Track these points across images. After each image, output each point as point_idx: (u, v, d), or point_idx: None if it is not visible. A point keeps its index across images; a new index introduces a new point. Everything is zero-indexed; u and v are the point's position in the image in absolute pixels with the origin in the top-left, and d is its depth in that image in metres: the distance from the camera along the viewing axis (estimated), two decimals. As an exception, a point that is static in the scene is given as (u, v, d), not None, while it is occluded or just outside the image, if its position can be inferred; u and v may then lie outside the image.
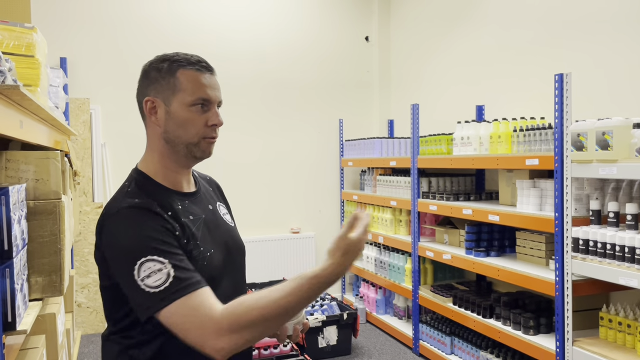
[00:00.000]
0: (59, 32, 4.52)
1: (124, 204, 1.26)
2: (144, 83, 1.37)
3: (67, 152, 2.98)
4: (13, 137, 1.61)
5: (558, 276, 2.70)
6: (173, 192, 1.37)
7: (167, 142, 1.35)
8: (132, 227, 1.22)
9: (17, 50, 2.04)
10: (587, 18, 3.29)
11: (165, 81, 1.33)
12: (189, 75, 1.32)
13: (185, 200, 1.38)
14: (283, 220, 5.34)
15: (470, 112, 4.25)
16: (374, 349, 4.18)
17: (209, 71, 1.36)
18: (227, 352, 1.13)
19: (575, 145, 2.54)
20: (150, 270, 1.16)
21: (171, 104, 1.32)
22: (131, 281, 1.16)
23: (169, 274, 1.16)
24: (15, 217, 1.43)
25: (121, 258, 1.20)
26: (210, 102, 1.35)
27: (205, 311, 1.14)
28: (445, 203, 3.71)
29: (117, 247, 1.22)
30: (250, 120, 5.17)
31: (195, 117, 1.32)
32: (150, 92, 1.34)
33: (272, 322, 1.15)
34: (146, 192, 1.31)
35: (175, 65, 1.33)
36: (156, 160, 1.38)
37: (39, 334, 2.13)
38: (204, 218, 1.39)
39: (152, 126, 1.36)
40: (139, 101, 1.39)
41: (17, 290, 1.42)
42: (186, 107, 1.32)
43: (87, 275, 4.56)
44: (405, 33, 5.37)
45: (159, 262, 1.17)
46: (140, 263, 1.16)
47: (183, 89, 1.32)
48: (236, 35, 5.11)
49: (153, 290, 1.15)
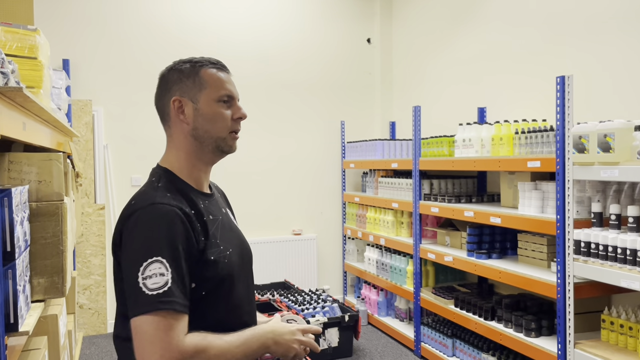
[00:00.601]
0: (62, 33, 4.53)
1: (157, 199, 1.29)
2: (166, 86, 1.41)
3: (70, 154, 2.99)
4: (16, 138, 1.61)
5: (560, 278, 2.70)
6: (196, 190, 1.41)
7: (195, 138, 1.39)
8: (159, 224, 1.25)
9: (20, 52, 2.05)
10: (589, 20, 3.29)
11: (190, 80, 1.38)
12: (211, 73, 1.40)
13: (206, 200, 1.43)
14: (285, 221, 5.34)
15: (472, 114, 4.25)
16: (375, 351, 4.18)
17: (226, 71, 1.45)
18: None
19: (577, 147, 2.54)
20: (153, 272, 1.18)
21: (199, 101, 1.38)
22: (134, 275, 1.19)
23: (167, 282, 1.19)
24: (17, 218, 1.44)
25: (136, 250, 1.23)
26: (233, 98, 1.42)
27: (175, 338, 1.17)
28: (447, 205, 3.71)
29: (137, 239, 1.24)
30: (251, 122, 5.13)
31: (223, 111, 1.40)
32: (176, 92, 1.39)
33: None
34: (175, 189, 1.35)
35: (198, 65, 1.40)
36: (182, 158, 1.41)
37: (41, 335, 2.14)
38: (221, 219, 1.43)
39: (179, 124, 1.40)
40: (161, 105, 1.42)
41: (19, 292, 1.42)
42: (214, 103, 1.39)
43: (89, 276, 4.57)
44: (407, 35, 5.38)
45: (165, 268, 1.20)
46: (150, 261, 1.19)
47: (209, 86, 1.39)
48: (238, 37, 5.12)
49: (147, 292, 1.17)
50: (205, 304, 1.30)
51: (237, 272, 1.40)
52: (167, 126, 1.43)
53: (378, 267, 4.68)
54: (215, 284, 1.31)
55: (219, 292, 1.33)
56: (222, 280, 1.33)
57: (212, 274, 1.31)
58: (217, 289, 1.32)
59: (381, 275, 4.63)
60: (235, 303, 1.39)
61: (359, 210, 5.07)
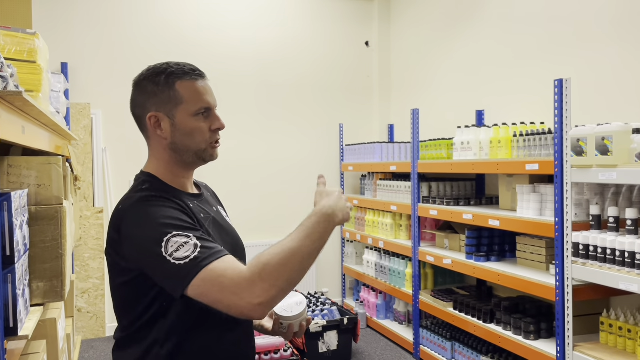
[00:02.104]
0: (60, 37, 4.53)
1: (142, 195, 1.31)
2: (142, 98, 1.39)
3: (68, 157, 2.99)
4: (15, 142, 1.61)
5: (558, 281, 2.70)
6: (183, 192, 1.42)
7: (174, 151, 1.39)
8: (152, 211, 1.25)
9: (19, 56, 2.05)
10: (587, 24, 3.30)
11: (165, 95, 1.35)
12: (187, 86, 1.36)
13: (195, 200, 1.43)
14: (283, 224, 5.32)
15: (470, 117, 4.26)
16: (374, 354, 4.18)
17: (202, 78, 1.40)
18: (265, 303, 1.15)
19: (575, 150, 2.55)
20: (177, 244, 1.19)
21: (175, 116, 1.36)
22: (160, 259, 1.18)
23: (196, 245, 1.19)
24: (17, 222, 1.43)
25: (147, 241, 1.22)
26: (211, 109, 1.40)
27: (235, 272, 1.16)
28: (446, 208, 3.71)
29: (141, 232, 1.24)
30: (250, 125, 5.17)
31: (201, 125, 1.38)
32: (152, 107, 1.36)
33: (295, 267, 1.19)
34: (160, 189, 1.35)
35: (172, 77, 1.36)
36: (162, 166, 1.41)
37: (39, 339, 2.13)
38: (212, 218, 1.44)
39: (157, 139, 1.39)
40: (137, 115, 1.41)
41: (18, 296, 1.42)
42: (191, 117, 1.36)
43: (88, 280, 4.56)
44: (405, 38, 5.39)
45: (185, 236, 1.20)
46: (166, 240, 1.19)
47: (185, 101, 1.36)
48: (237, 39, 5.12)
49: (184, 262, 1.17)
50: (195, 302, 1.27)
51: None
52: (145, 136, 1.43)
53: (377, 270, 4.68)
54: None
55: None
56: None
57: None
58: None
59: (380, 278, 4.62)
60: None
61: (357, 213, 5.07)
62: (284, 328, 1.52)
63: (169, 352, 1.30)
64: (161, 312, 1.29)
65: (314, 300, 4.39)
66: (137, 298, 1.30)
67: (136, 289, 1.29)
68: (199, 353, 1.33)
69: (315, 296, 4.52)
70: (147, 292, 1.27)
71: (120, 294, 1.35)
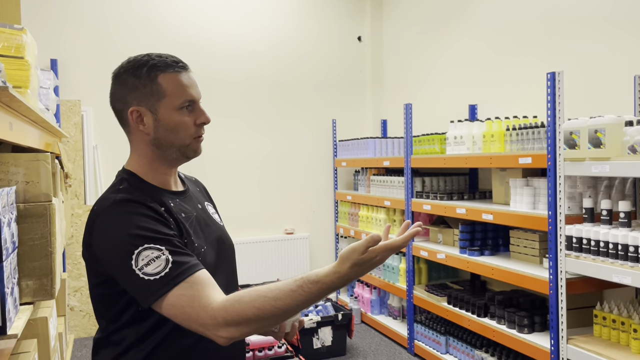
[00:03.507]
0: (50, 33, 4.48)
1: (116, 198, 1.25)
2: (122, 91, 1.34)
3: (58, 154, 2.96)
4: (2, 139, 1.59)
5: (552, 274, 2.70)
6: (164, 190, 1.37)
7: (157, 147, 1.34)
8: (125, 219, 1.21)
9: (6, 52, 2.02)
10: (580, 17, 3.30)
11: (147, 89, 1.30)
12: (170, 79, 1.31)
13: (176, 199, 1.38)
14: (277, 221, 5.33)
15: (463, 112, 4.26)
16: (369, 350, 4.18)
17: (185, 70, 1.35)
18: (227, 340, 1.14)
19: (568, 143, 2.55)
20: (148, 259, 1.15)
21: (158, 111, 1.31)
22: (129, 272, 1.16)
23: (167, 260, 1.16)
24: (5, 220, 1.41)
25: (116, 251, 1.19)
26: (195, 102, 1.35)
27: (203, 302, 1.14)
28: (439, 202, 3.71)
29: (111, 241, 1.21)
30: (242, 120, 5.15)
31: (185, 119, 1.33)
32: (133, 102, 1.31)
33: (268, 321, 1.15)
34: (138, 189, 1.31)
35: (155, 70, 1.30)
36: (144, 163, 1.36)
37: (30, 338, 2.11)
38: (195, 216, 1.40)
39: (139, 134, 1.34)
40: (118, 109, 1.36)
41: (7, 294, 1.40)
42: (174, 112, 1.31)
43: (80, 278, 4.53)
44: (397, 33, 5.38)
45: (156, 249, 1.16)
46: (137, 252, 1.16)
47: (168, 94, 1.31)
48: (228, 34, 5.09)
49: (153, 278, 1.14)
50: None
51: (212, 270, 1.32)
52: (126, 131, 1.37)
53: (371, 266, 4.68)
54: None
55: None
56: None
57: None
58: None
59: (374, 274, 4.62)
60: None
61: (351, 208, 5.06)
62: (275, 327, 1.50)
63: (146, 355, 1.26)
64: (138, 315, 1.25)
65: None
66: (113, 300, 1.26)
67: (110, 292, 1.25)
68: (179, 356, 1.28)
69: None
70: (122, 295, 1.24)
71: (96, 295, 1.31)
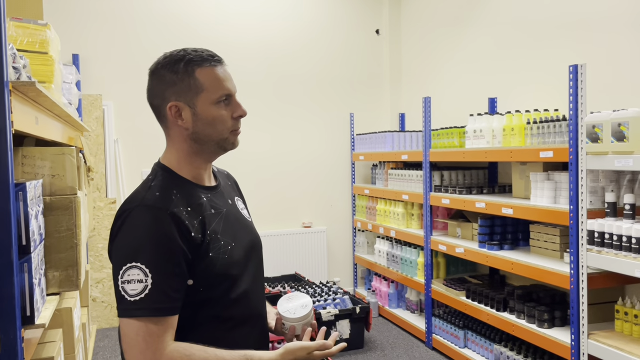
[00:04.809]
0: (71, 28, 4.54)
1: (144, 200, 1.27)
2: (160, 87, 1.34)
3: (81, 148, 3.01)
4: (29, 133, 1.62)
5: (573, 269, 2.68)
6: (197, 185, 1.38)
7: (195, 141, 1.35)
8: (142, 228, 1.23)
9: (31, 47, 2.06)
10: (603, 8, 3.24)
11: (185, 83, 1.31)
12: (207, 73, 1.32)
13: (208, 194, 1.40)
14: (294, 214, 5.35)
15: (482, 105, 4.22)
16: (386, 343, 4.18)
17: (221, 64, 1.36)
18: None
19: (591, 137, 2.51)
20: (132, 277, 1.19)
21: (196, 105, 1.32)
22: (116, 277, 1.21)
23: (145, 288, 1.18)
24: (32, 212, 1.44)
25: (120, 252, 1.24)
26: (232, 95, 1.37)
27: (154, 345, 1.17)
28: (458, 196, 3.69)
29: (122, 241, 1.25)
30: (261, 115, 5.16)
31: (223, 113, 1.34)
32: (171, 97, 1.32)
33: None
34: (170, 186, 1.32)
35: (192, 65, 1.32)
36: (182, 157, 1.37)
37: (56, 328, 2.16)
38: (225, 212, 1.41)
39: (178, 129, 1.35)
40: (155, 105, 1.37)
41: (35, 285, 1.43)
42: (212, 106, 1.33)
43: (102, 270, 4.60)
44: (416, 25, 5.34)
45: (144, 274, 1.19)
46: (129, 266, 1.19)
47: (206, 89, 1.32)
48: (246, 29, 5.10)
49: (127, 297, 1.18)
50: (204, 300, 1.29)
51: (241, 267, 1.37)
52: (164, 126, 1.38)
53: (388, 259, 4.68)
54: (214, 280, 1.29)
55: (218, 288, 1.30)
56: (221, 276, 1.31)
57: (210, 270, 1.28)
58: (216, 285, 1.30)
59: (392, 267, 4.62)
60: (238, 297, 1.35)
61: (368, 202, 5.06)
62: (285, 329, 1.50)
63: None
64: None
65: (326, 290, 4.40)
66: None
67: None
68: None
69: (327, 285, 4.53)
70: None
71: None
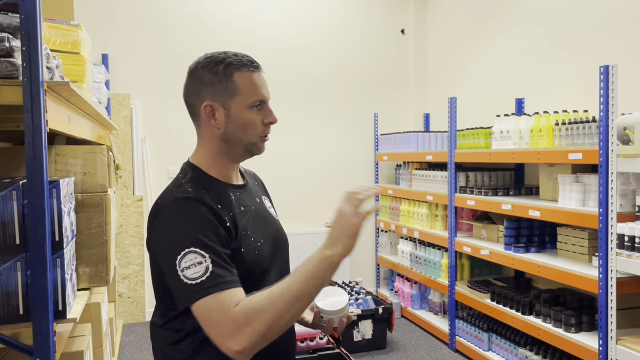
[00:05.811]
0: (100, 28, 4.63)
1: (178, 195, 1.30)
2: (198, 86, 1.38)
3: (110, 147, 3.06)
4: (62, 132, 1.66)
5: (602, 273, 2.63)
6: (225, 184, 1.42)
7: (225, 142, 1.38)
8: (182, 218, 1.26)
9: (64, 48, 2.10)
10: (634, 9, 3.17)
11: (222, 85, 1.35)
12: (245, 77, 1.36)
13: (237, 192, 1.42)
14: (318, 214, 5.35)
15: (509, 106, 4.17)
16: (409, 344, 4.16)
17: (259, 70, 1.40)
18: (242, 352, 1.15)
19: (621, 139, 2.46)
20: (190, 262, 1.19)
21: (230, 107, 1.35)
22: (173, 270, 1.21)
23: (207, 268, 1.19)
24: (65, 209, 1.48)
25: (167, 247, 1.24)
26: (265, 102, 1.39)
27: (226, 310, 1.16)
28: (484, 198, 3.65)
29: (166, 237, 1.26)
30: (285, 114, 5.17)
31: (255, 118, 1.37)
32: (207, 97, 1.36)
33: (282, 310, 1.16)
34: (200, 183, 1.35)
35: (231, 68, 1.35)
36: (210, 157, 1.41)
37: (85, 322, 2.21)
38: (254, 209, 1.43)
39: (210, 128, 1.38)
40: (191, 103, 1.40)
41: (67, 280, 1.47)
42: (246, 109, 1.36)
43: (128, 266, 4.68)
44: (441, 25, 5.30)
45: (200, 255, 1.20)
46: (183, 254, 1.20)
47: (242, 92, 1.35)
48: (272, 29, 5.13)
49: (190, 282, 1.19)
50: None
51: (268, 263, 1.40)
52: (197, 124, 1.42)
53: (412, 260, 4.65)
54: (244, 276, 1.30)
55: (248, 284, 1.31)
56: (251, 272, 1.33)
57: (241, 266, 1.30)
58: (246, 280, 1.30)
59: (415, 269, 4.60)
60: None
61: (392, 202, 5.04)
62: (323, 322, 1.53)
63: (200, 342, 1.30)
64: None
65: (348, 290, 4.39)
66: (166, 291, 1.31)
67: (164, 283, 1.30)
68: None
69: (349, 285, 4.52)
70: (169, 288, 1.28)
71: (158, 282, 1.36)
